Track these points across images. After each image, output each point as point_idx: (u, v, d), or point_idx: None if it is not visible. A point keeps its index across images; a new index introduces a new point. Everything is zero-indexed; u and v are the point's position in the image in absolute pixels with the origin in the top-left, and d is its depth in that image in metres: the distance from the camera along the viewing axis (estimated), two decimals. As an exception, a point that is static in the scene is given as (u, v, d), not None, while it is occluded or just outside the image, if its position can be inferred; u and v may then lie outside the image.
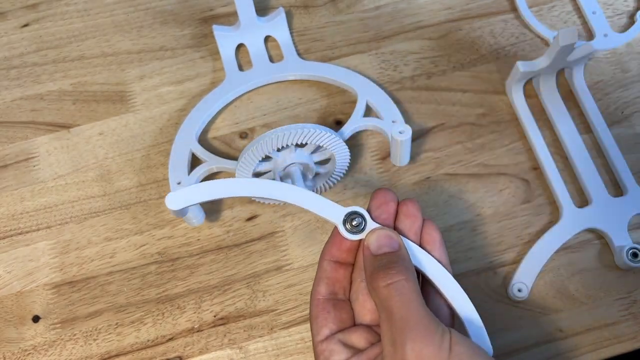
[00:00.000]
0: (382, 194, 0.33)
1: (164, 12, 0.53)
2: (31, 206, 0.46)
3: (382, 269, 0.30)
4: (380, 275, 0.29)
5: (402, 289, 0.29)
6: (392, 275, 0.29)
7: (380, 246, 0.31)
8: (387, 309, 0.28)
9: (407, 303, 0.28)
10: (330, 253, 0.33)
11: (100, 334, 0.42)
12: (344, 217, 0.32)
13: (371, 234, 0.32)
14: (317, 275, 0.34)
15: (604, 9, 0.52)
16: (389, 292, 0.29)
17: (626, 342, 0.41)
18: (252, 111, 0.49)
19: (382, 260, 0.30)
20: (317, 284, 0.33)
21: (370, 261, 0.31)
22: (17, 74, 0.51)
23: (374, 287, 0.30)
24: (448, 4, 0.53)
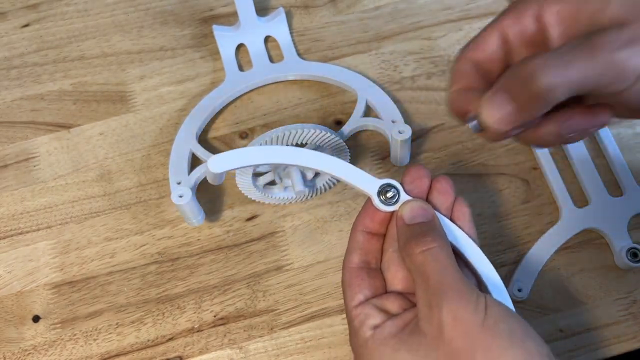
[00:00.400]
0: (415, 170, 0.34)
1: (164, 12, 0.53)
2: (31, 206, 0.46)
3: (417, 237, 0.30)
4: (415, 243, 0.30)
5: (437, 255, 0.29)
6: (427, 242, 0.30)
7: (413, 217, 0.31)
8: (422, 274, 0.29)
9: (442, 268, 0.29)
10: (364, 224, 0.34)
11: (100, 334, 0.42)
12: (378, 188, 0.33)
13: (405, 205, 0.32)
14: (350, 245, 0.34)
15: (603, 9, 0.52)
16: (424, 257, 0.29)
17: (626, 342, 0.41)
18: (252, 111, 0.49)
19: (416, 229, 0.31)
20: (350, 252, 0.34)
21: (403, 230, 0.31)
22: (18, 74, 0.51)
23: (409, 254, 0.30)
24: (448, 4, 0.53)
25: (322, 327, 0.42)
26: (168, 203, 0.46)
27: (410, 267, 0.30)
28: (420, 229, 0.31)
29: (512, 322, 0.28)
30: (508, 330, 0.27)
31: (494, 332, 0.27)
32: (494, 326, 0.27)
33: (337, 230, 0.44)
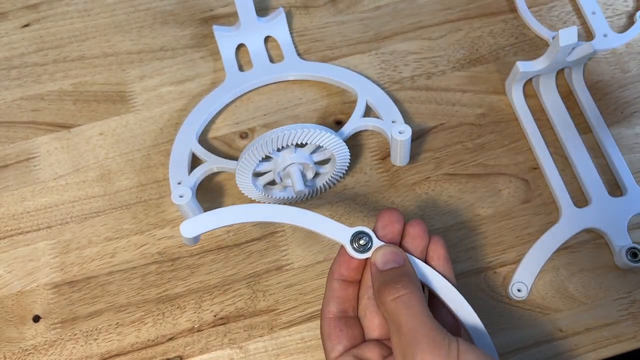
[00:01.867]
0: (387, 214, 0.35)
1: (164, 13, 0.54)
2: (32, 206, 0.46)
3: (389, 284, 0.31)
4: (387, 290, 0.30)
5: (409, 302, 0.30)
6: (398, 289, 0.30)
7: (386, 262, 0.32)
8: (395, 322, 0.30)
9: (414, 315, 0.29)
10: (339, 272, 0.34)
11: (100, 334, 0.42)
12: (350, 237, 0.33)
13: (377, 251, 0.33)
14: (327, 294, 0.35)
15: (603, 9, 0.52)
16: (396, 305, 0.30)
17: (626, 342, 0.41)
18: (252, 111, 0.49)
19: (388, 275, 0.31)
20: (327, 303, 0.34)
21: (377, 277, 0.32)
22: (18, 74, 0.51)
23: (382, 302, 0.31)
24: (448, 4, 0.53)
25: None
26: (168, 203, 0.46)
27: (385, 314, 0.31)
28: (393, 275, 0.31)
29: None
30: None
31: None
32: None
33: (337, 230, 0.44)
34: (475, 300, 0.42)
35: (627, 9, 0.52)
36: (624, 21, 0.52)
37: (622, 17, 0.52)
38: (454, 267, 0.43)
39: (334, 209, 0.45)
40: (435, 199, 0.45)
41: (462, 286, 0.42)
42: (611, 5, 0.52)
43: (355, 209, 0.45)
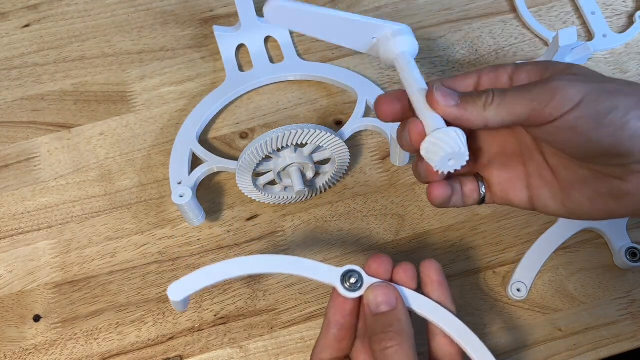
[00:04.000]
0: (378, 258, 0.33)
1: (165, 13, 0.54)
2: (32, 206, 0.46)
3: (379, 333, 0.31)
4: (377, 340, 0.31)
5: (395, 355, 0.30)
6: (387, 339, 0.30)
7: (378, 304, 0.31)
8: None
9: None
10: (335, 320, 0.33)
11: (101, 334, 0.42)
12: (340, 277, 0.32)
13: (369, 291, 0.32)
14: (322, 342, 0.34)
15: (603, 9, 0.52)
16: (384, 356, 0.30)
17: (625, 342, 0.41)
18: (253, 111, 0.49)
19: (379, 322, 0.31)
20: (321, 350, 0.33)
21: (370, 321, 0.32)
22: (18, 74, 0.51)
23: (374, 350, 0.31)
24: (447, 5, 0.53)
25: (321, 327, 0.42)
26: (169, 203, 0.46)
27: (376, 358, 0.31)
28: (383, 322, 0.31)
29: None
30: None
31: None
32: None
33: (337, 230, 0.45)
34: (475, 300, 0.42)
35: (627, 9, 0.52)
36: (623, 21, 0.52)
37: (621, 17, 0.52)
38: (454, 267, 0.43)
39: (334, 209, 0.45)
40: (435, 199, 0.45)
41: (462, 286, 0.42)
42: (610, 6, 0.52)
43: (355, 209, 0.45)
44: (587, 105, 0.28)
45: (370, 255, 0.43)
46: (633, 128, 0.28)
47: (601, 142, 0.28)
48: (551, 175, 0.32)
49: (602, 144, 0.28)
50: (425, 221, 0.44)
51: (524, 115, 0.29)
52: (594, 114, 0.28)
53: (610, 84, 0.29)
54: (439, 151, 0.29)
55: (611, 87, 0.29)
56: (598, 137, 0.28)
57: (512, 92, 0.30)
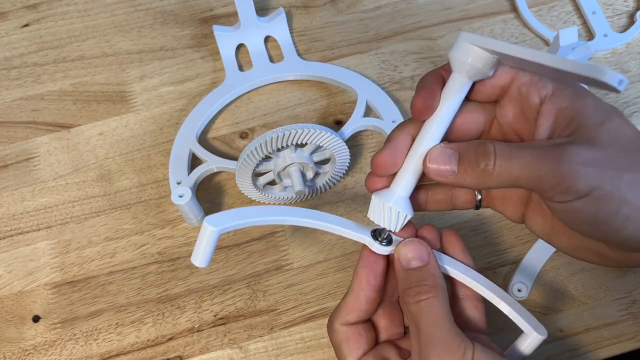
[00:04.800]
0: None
1: (164, 13, 0.54)
2: (32, 206, 0.46)
3: (413, 286, 0.30)
4: (412, 292, 0.30)
5: (430, 306, 0.30)
6: (422, 292, 0.30)
7: (410, 259, 0.31)
8: (415, 325, 0.30)
9: (434, 320, 0.29)
10: (367, 281, 0.33)
11: (100, 334, 0.42)
12: (371, 233, 0.32)
13: (402, 246, 0.31)
14: (350, 305, 0.33)
15: (603, 9, 0.52)
16: (418, 308, 0.30)
17: (626, 342, 0.41)
18: (252, 111, 0.49)
19: (412, 276, 0.31)
20: (347, 312, 0.33)
21: (402, 276, 0.31)
22: (18, 74, 0.51)
23: (406, 302, 0.30)
24: (448, 4, 0.53)
25: (322, 327, 0.42)
26: (168, 203, 0.46)
27: (407, 315, 0.31)
28: (417, 276, 0.31)
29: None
30: None
31: None
32: None
33: (337, 230, 0.44)
34: (475, 300, 0.42)
35: (627, 8, 0.52)
36: (624, 21, 0.52)
37: (622, 17, 0.52)
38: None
39: (334, 209, 0.45)
40: (435, 199, 0.45)
41: (462, 286, 0.42)
42: (611, 5, 0.52)
43: (355, 209, 0.45)
44: (590, 203, 0.27)
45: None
46: (628, 232, 0.27)
47: (595, 234, 0.28)
48: (549, 212, 0.32)
49: (596, 236, 0.28)
50: (426, 221, 0.44)
51: (528, 187, 0.28)
52: (592, 214, 0.27)
53: (630, 175, 0.27)
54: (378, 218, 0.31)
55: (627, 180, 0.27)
56: (594, 231, 0.28)
57: (518, 162, 0.27)
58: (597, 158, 0.26)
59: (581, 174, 0.26)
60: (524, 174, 0.27)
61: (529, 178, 0.27)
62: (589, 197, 0.26)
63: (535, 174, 0.27)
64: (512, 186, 0.28)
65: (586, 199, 0.26)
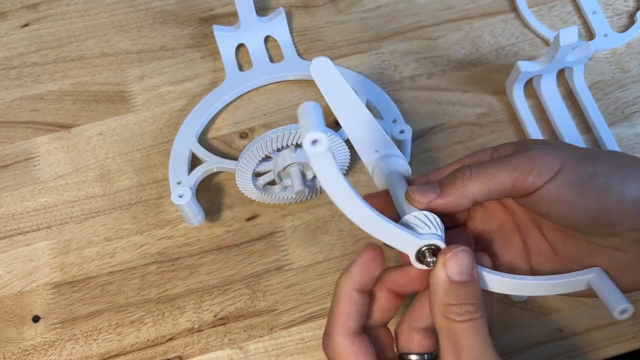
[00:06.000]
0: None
1: (164, 12, 0.53)
2: (31, 206, 0.46)
3: (460, 301, 0.28)
4: (458, 308, 0.28)
5: (477, 328, 0.28)
6: (470, 311, 0.28)
7: (461, 273, 0.28)
8: (456, 344, 0.28)
9: (479, 343, 0.28)
10: (393, 281, 0.31)
11: (100, 334, 0.42)
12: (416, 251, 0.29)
13: (451, 257, 0.29)
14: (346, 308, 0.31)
15: (604, 9, 0.52)
16: (463, 327, 0.28)
17: (626, 342, 0.41)
18: (252, 111, 0.49)
19: (459, 290, 0.28)
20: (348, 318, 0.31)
21: (445, 288, 0.29)
22: (18, 74, 0.51)
23: (447, 317, 0.28)
24: (448, 4, 0.53)
25: (322, 327, 0.42)
26: (168, 203, 0.46)
27: (442, 329, 0.28)
28: (464, 292, 0.28)
29: None
30: None
31: None
32: None
33: (337, 230, 0.44)
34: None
35: (628, 8, 0.52)
36: (624, 21, 0.52)
37: (622, 16, 0.52)
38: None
39: (333, 209, 0.45)
40: (436, 199, 0.45)
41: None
42: (612, 5, 0.52)
43: (355, 209, 0.45)
44: (567, 172, 0.28)
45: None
46: (617, 193, 0.28)
47: (587, 209, 0.28)
48: (550, 251, 0.32)
49: (588, 212, 0.28)
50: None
51: (508, 184, 0.29)
52: (575, 180, 0.28)
53: (587, 151, 0.30)
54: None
55: (589, 154, 0.29)
56: (583, 204, 0.28)
57: (492, 163, 0.30)
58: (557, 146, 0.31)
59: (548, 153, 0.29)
60: (501, 170, 0.29)
61: (506, 172, 0.29)
62: (563, 169, 0.28)
63: (510, 165, 0.29)
64: (497, 192, 0.30)
65: (563, 172, 0.28)
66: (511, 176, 0.29)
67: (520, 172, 0.29)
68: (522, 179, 0.29)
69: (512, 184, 0.29)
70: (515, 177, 0.29)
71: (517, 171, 0.29)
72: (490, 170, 0.30)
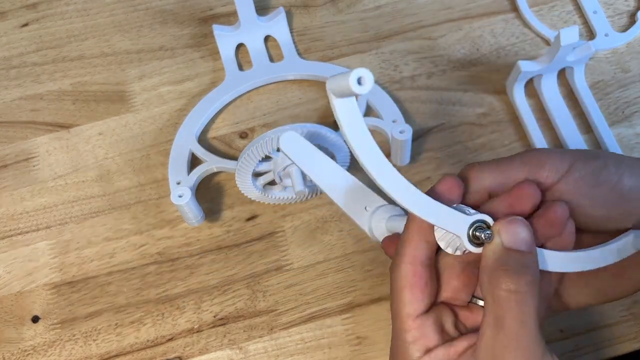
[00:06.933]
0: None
1: (164, 12, 0.53)
2: (31, 206, 0.46)
3: (510, 270, 0.26)
4: (507, 277, 0.26)
5: (524, 302, 0.26)
6: (520, 283, 0.26)
7: (516, 241, 0.26)
8: (498, 316, 0.26)
9: (524, 320, 0.26)
10: None
11: (99, 335, 0.42)
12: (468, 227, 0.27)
13: (507, 224, 0.27)
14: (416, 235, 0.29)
15: (604, 8, 0.52)
16: (509, 298, 0.26)
17: (626, 343, 0.41)
18: (252, 111, 0.49)
19: (512, 258, 0.26)
20: (417, 245, 0.28)
21: (498, 252, 0.27)
22: (17, 73, 0.51)
23: (494, 284, 0.26)
24: (448, 4, 0.53)
25: (322, 328, 0.42)
26: (168, 203, 0.46)
27: (488, 297, 0.27)
28: (518, 261, 0.26)
29: None
30: None
31: None
32: None
33: (337, 230, 0.44)
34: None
35: (628, 8, 0.52)
36: (625, 20, 0.52)
37: (623, 16, 0.52)
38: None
39: (333, 209, 0.45)
40: (436, 199, 0.45)
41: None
42: (612, 5, 0.52)
43: (356, 209, 0.45)
44: (580, 167, 0.29)
45: (371, 255, 0.43)
46: (628, 181, 0.28)
47: (605, 200, 0.29)
48: None
49: (607, 203, 0.29)
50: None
51: (521, 178, 0.29)
52: (589, 172, 0.28)
53: (591, 151, 0.31)
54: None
55: (594, 152, 0.30)
56: (600, 195, 0.28)
57: (497, 159, 0.30)
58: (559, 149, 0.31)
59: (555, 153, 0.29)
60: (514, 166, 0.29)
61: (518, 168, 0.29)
62: (574, 165, 0.29)
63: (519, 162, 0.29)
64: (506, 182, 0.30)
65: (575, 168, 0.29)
66: (524, 172, 0.29)
67: (532, 167, 0.29)
68: (535, 173, 0.29)
69: (525, 178, 0.29)
70: (527, 172, 0.29)
71: (527, 166, 0.29)
72: (505, 167, 0.29)
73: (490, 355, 0.26)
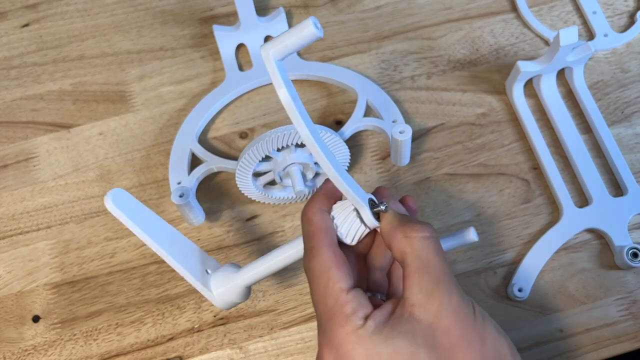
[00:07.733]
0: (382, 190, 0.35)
1: (164, 12, 0.53)
2: (31, 206, 0.46)
3: (417, 223, 0.30)
4: (417, 227, 0.30)
5: (437, 245, 0.30)
6: (427, 229, 0.30)
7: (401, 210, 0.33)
8: (423, 260, 0.29)
9: (444, 258, 0.29)
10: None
11: (100, 334, 0.42)
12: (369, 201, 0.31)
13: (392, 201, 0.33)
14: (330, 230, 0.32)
15: (604, 9, 0.52)
16: (426, 244, 0.29)
17: (626, 342, 0.41)
18: (252, 111, 0.49)
19: (413, 217, 0.31)
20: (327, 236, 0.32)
21: (398, 216, 0.31)
22: (17, 74, 0.51)
23: (407, 236, 0.29)
24: (448, 4, 0.53)
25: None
26: (168, 203, 0.46)
27: (407, 248, 0.29)
28: (417, 218, 0.31)
29: (493, 321, 0.30)
30: (493, 326, 0.29)
31: (484, 327, 0.28)
32: (483, 322, 0.29)
33: (337, 230, 0.44)
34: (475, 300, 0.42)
35: (628, 8, 0.52)
36: (624, 21, 0.52)
37: (622, 16, 0.52)
38: (455, 267, 0.43)
39: (334, 209, 0.45)
40: (436, 199, 0.45)
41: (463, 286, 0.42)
42: (612, 5, 0.52)
43: (356, 209, 0.45)
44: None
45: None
46: None
47: None
48: None
49: None
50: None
51: None
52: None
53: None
54: None
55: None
56: None
57: None
58: None
59: None
60: None
61: None
62: None
63: None
64: None
65: None
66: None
67: None
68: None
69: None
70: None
71: None
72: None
73: (425, 296, 0.28)
